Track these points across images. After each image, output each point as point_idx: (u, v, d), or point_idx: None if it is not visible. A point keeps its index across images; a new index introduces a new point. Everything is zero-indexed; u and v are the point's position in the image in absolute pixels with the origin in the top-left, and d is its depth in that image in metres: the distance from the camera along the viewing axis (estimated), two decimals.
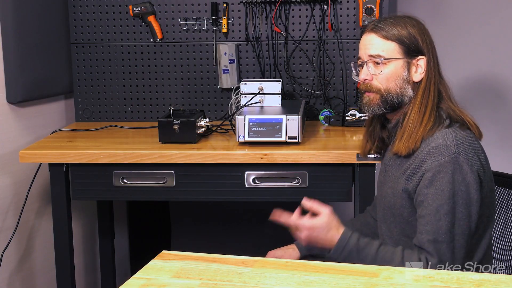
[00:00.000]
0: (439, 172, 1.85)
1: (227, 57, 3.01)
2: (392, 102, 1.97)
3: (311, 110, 3.04)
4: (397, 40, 1.95)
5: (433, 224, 1.85)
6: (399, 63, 1.96)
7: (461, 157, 1.85)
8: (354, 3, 2.98)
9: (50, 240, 2.81)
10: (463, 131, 1.91)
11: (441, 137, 1.88)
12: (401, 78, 1.96)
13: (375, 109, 1.99)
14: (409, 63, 1.96)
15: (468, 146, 1.88)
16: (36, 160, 2.65)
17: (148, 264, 1.70)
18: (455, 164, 1.84)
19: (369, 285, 1.56)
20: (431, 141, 1.90)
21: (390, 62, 1.96)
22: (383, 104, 1.98)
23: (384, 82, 1.97)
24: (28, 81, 2.86)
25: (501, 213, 2.27)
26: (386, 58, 1.96)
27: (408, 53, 1.96)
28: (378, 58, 1.96)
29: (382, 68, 1.96)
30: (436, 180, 1.85)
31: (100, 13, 3.09)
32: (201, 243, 3.59)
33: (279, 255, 2.29)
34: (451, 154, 1.85)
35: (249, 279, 1.60)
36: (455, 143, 1.86)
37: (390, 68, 1.96)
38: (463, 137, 1.89)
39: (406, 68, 1.96)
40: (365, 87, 2.01)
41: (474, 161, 1.87)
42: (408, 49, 1.96)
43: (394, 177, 1.99)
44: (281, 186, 2.57)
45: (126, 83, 3.12)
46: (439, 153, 1.86)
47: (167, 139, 2.65)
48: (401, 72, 1.96)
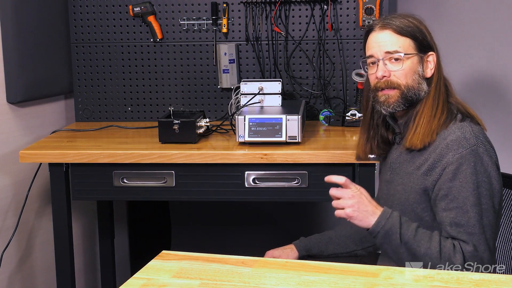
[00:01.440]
0: (461, 164, 1.86)
1: (227, 57, 3.01)
2: (411, 98, 1.97)
3: (311, 110, 3.04)
4: (411, 36, 1.96)
5: (462, 216, 1.85)
6: (415, 58, 1.97)
7: (480, 148, 1.87)
8: (354, 3, 2.98)
9: (50, 240, 2.81)
10: (476, 125, 1.94)
11: (458, 130, 1.90)
12: (417, 73, 1.97)
13: (395, 106, 1.98)
14: (421, 59, 1.98)
15: (485, 139, 1.91)
16: (36, 160, 2.65)
17: (148, 264, 1.70)
18: (476, 155, 1.86)
19: (369, 285, 1.56)
20: (448, 135, 1.91)
21: (408, 57, 1.96)
22: (403, 101, 1.97)
23: (403, 78, 1.96)
24: (28, 81, 2.86)
25: (501, 212, 2.27)
26: (405, 53, 1.96)
27: (420, 49, 1.97)
28: (396, 54, 1.96)
29: (402, 64, 1.96)
30: (460, 172, 1.86)
31: (100, 13, 3.09)
32: (201, 243, 3.59)
33: (277, 255, 2.29)
34: (471, 146, 1.86)
35: (249, 279, 1.60)
36: (474, 135, 1.88)
37: (408, 64, 1.96)
38: (479, 130, 1.92)
39: (420, 63, 1.98)
40: (384, 84, 1.98)
41: (492, 153, 1.90)
42: (421, 44, 1.97)
43: (405, 174, 1.99)
44: (281, 186, 2.57)
45: (126, 83, 3.12)
46: (460, 145, 1.87)
47: (167, 139, 2.65)
48: (417, 67, 1.97)
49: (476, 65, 3.13)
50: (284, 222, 3.56)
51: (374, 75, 2.00)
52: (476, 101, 3.12)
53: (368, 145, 2.13)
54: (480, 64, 3.13)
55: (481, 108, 3.06)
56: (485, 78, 3.13)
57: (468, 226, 1.84)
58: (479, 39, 3.13)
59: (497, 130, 3.10)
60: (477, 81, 3.13)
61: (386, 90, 1.98)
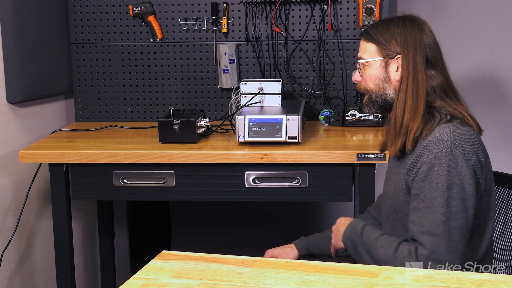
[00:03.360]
0: (434, 165, 1.85)
1: (227, 57, 3.01)
2: (377, 102, 2.03)
3: (311, 110, 3.04)
4: (374, 41, 2.01)
5: (427, 216, 1.85)
6: (377, 63, 2.01)
7: (456, 151, 1.85)
8: (354, 3, 2.98)
9: (50, 240, 2.81)
10: (463, 127, 1.91)
11: (438, 132, 1.89)
12: (380, 78, 2.01)
13: (368, 109, 2.07)
14: (387, 63, 2.00)
15: (466, 142, 1.87)
16: (36, 160, 2.65)
17: (148, 264, 1.70)
18: (451, 157, 1.84)
19: (369, 285, 1.56)
20: (429, 136, 1.91)
21: (369, 63, 2.02)
22: (372, 104, 2.05)
23: (369, 83, 2.04)
24: (28, 81, 2.86)
25: (501, 213, 2.27)
26: (365, 59, 2.03)
27: (385, 53, 1.99)
28: (361, 60, 2.04)
29: (365, 70, 2.04)
30: (431, 173, 1.86)
31: (100, 13, 3.09)
32: (201, 243, 3.59)
33: (277, 254, 2.30)
34: (446, 148, 1.85)
35: (249, 279, 1.60)
36: (452, 138, 1.86)
37: (369, 69, 2.03)
38: (462, 133, 1.89)
39: (384, 68, 2.00)
40: (359, 89, 2.11)
41: (471, 156, 1.86)
42: (385, 48, 1.99)
43: (397, 173, 2.01)
44: (281, 186, 2.57)
45: (126, 83, 3.12)
46: (435, 146, 1.87)
47: (167, 139, 2.65)
48: (379, 72, 2.01)
49: (476, 65, 3.13)
50: (284, 222, 3.56)
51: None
52: (476, 101, 3.11)
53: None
54: (480, 64, 3.13)
55: (481, 108, 3.06)
56: (485, 78, 3.13)
57: (432, 226, 1.84)
58: (479, 39, 3.13)
59: (497, 130, 3.10)
60: (477, 81, 3.13)
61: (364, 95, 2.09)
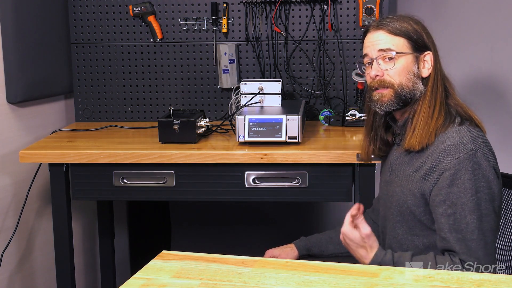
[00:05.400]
0: (459, 170, 1.85)
1: (227, 57, 3.01)
2: (405, 97, 1.96)
3: (311, 110, 3.04)
4: (404, 35, 1.96)
5: (460, 222, 1.84)
6: (409, 57, 1.96)
7: (478, 153, 1.86)
8: (354, 3, 2.98)
9: (50, 240, 2.81)
10: (474, 129, 1.92)
11: (456, 135, 1.89)
12: (412, 72, 1.96)
13: (388, 105, 1.97)
14: (417, 58, 1.97)
15: (483, 143, 1.89)
16: (36, 160, 2.65)
17: (148, 264, 1.70)
18: (474, 160, 1.85)
19: (369, 285, 1.56)
20: (446, 139, 1.90)
21: (401, 56, 1.96)
22: (396, 100, 1.96)
23: (396, 77, 1.96)
24: (28, 81, 2.86)
25: (501, 213, 2.27)
26: (397, 52, 1.95)
27: (415, 48, 1.96)
28: (389, 52, 1.96)
29: (394, 63, 1.96)
30: (458, 178, 1.85)
31: (100, 13, 3.09)
32: (201, 243, 3.59)
33: (277, 254, 2.29)
34: (468, 151, 1.85)
35: (249, 279, 1.60)
36: (471, 140, 1.87)
37: (401, 63, 1.96)
38: (477, 134, 1.90)
39: (416, 63, 1.97)
40: (377, 84, 1.99)
41: (490, 157, 1.89)
42: (416, 44, 1.96)
43: (404, 176, 1.99)
44: (281, 186, 2.57)
45: (126, 83, 3.12)
46: (457, 150, 1.86)
47: (167, 139, 2.65)
48: (411, 66, 1.96)
49: (476, 65, 3.13)
50: (284, 222, 3.56)
51: (369, 74, 2.00)
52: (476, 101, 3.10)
53: (370, 147, 2.13)
54: (480, 64, 3.13)
55: (481, 108, 3.05)
56: (485, 78, 3.13)
57: (467, 231, 1.84)
58: (479, 39, 3.13)
59: (496, 130, 3.10)
60: (477, 81, 3.13)
61: (380, 89, 1.98)
